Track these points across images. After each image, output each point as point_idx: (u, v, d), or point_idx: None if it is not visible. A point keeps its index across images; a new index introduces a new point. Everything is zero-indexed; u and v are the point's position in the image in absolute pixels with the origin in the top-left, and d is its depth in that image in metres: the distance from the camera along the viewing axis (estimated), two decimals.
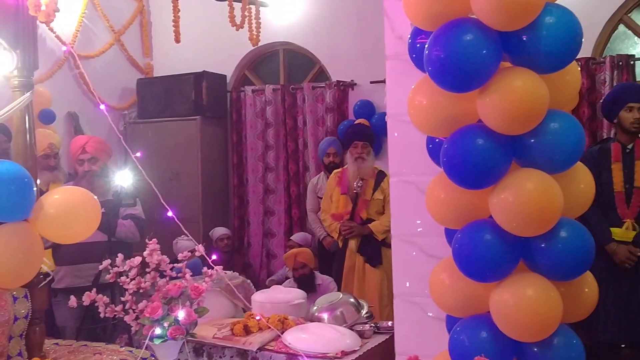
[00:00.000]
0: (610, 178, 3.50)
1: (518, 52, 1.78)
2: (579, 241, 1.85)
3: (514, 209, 1.79)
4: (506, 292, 1.85)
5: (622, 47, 4.74)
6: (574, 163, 1.88)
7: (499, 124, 1.79)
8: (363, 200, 3.95)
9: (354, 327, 2.85)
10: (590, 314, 2.00)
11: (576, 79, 1.92)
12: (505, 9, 1.64)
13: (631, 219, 3.43)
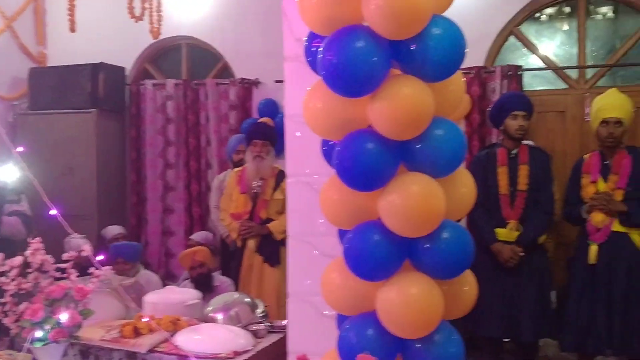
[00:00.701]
0: (496, 181, 3.71)
1: (407, 60, 1.84)
2: (459, 242, 1.94)
3: (400, 211, 1.86)
4: (391, 291, 1.91)
5: (511, 58, 5.02)
6: (457, 168, 1.97)
7: (388, 129, 1.85)
8: (262, 199, 3.95)
9: (248, 327, 2.85)
10: (470, 310, 2.11)
11: (459, 88, 2.02)
12: (393, 18, 1.70)
13: (515, 220, 3.65)
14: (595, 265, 3.48)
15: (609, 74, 4.89)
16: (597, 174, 3.56)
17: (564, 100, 4.87)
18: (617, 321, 3.41)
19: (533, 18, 5.01)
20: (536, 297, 3.60)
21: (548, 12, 5.03)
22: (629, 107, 3.55)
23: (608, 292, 3.44)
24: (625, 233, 3.46)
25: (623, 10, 4.82)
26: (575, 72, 4.89)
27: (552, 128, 4.88)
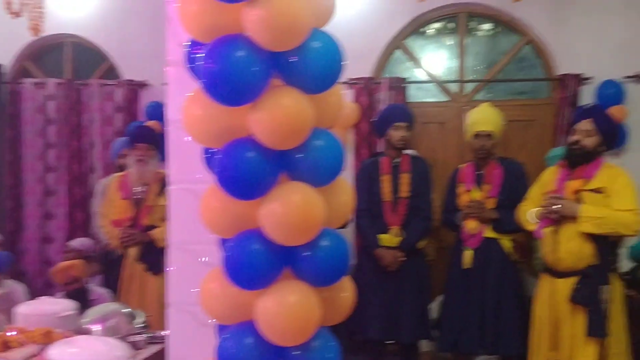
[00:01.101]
0: (380, 189, 3.84)
1: (287, 72, 1.87)
2: (338, 250, 1.99)
3: (280, 220, 1.88)
4: (270, 299, 1.93)
5: (398, 70, 5.22)
6: (336, 177, 2.02)
7: (268, 138, 1.86)
8: (145, 206, 3.84)
9: (127, 338, 2.76)
10: (348, 315, 2.16)
11: (339, 100, 2.07)
12: (273, 31, 1.72)
13: (397, 226, 3.80)
14: (469, 269, 3.68)
15: (487, 88, 5.20)
16: (471, 183, 3.77)
17: (444, 112, 5.13)
18: (489, 322, 3.63)
19: (419, 33, 5.24)
20: (415, 300, 3.77)
21: (435, 27, 5.28)
22: (499, 121, 3.80)
23: (481, 295, 3.66)
24: (496, 239, 3.69)
25: (501, 29, 5.15)
26: (455, 86, 5.16)
27: (434, 138, 5.12)
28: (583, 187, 3.22)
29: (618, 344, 3.23)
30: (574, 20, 4.75)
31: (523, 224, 3.48)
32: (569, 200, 3.21)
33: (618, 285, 3.28)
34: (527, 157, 4.91)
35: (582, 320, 3.16)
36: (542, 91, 5.09)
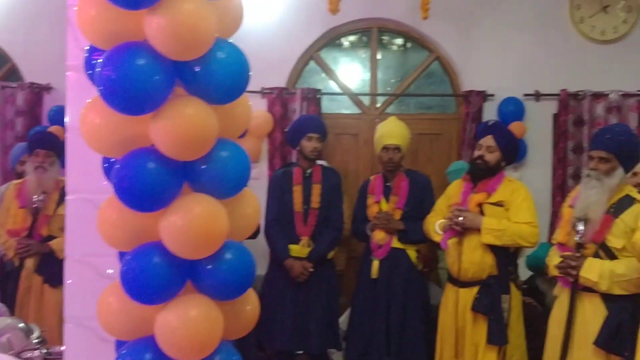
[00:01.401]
0: (292, 199, 3.85)
1: (191, 82, 1.83)
2: (241, 263, 1.97)
3: (181, 233, 1.83)
4: (170, 314, 1.88)
5: (311, 81, 5.26)
6: (241, 189, 2.00)
7: (170, 149, 1.82)
8: (44, 215, 3.66)
9: (22, 354, 2.61)
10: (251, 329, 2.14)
11: (246, 111, 2.06)
12: (175, 39, 1.68)
13: (307, 237, 3.81)
14: (376, 279, 3.75)
15: (397, 101, 5.34)
16: (380, 195, 3.86)
17: (357, 124, 5.22)
18: (394, 331, 3.70)
19: (334, 45, 5.31)
20: (324, 310, 3.80)
21: (350, 39, 5.37)
22: (406, 134, 3.90)
23: (387, 304, 3.73)
24: (403, 249, 3.78)
25: (412, 44, 5.30)
26: (368, 98, 5.26)
27: (347, 149, 5.20)
28: (485, 200, 3.38)
29: (517, 350, 3.39)
30: (479, 40, 4.97)
31: (430, 235, 3.60)
32: (472, 213, 3.35)
33: (517, 295, 3.44)
34: (434, 169, 5.09)
35: (483, 328, 3.29)
36: (449, 106, 5.29)
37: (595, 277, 2.79)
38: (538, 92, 4.90)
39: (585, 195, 2.92)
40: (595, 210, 2.86)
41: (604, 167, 2.88)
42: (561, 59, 4.90)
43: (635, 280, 2.74)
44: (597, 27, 4.88)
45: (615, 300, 2.81)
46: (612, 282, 2.78)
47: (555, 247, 3.12)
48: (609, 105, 4.78)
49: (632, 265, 2.72)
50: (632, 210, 2.82)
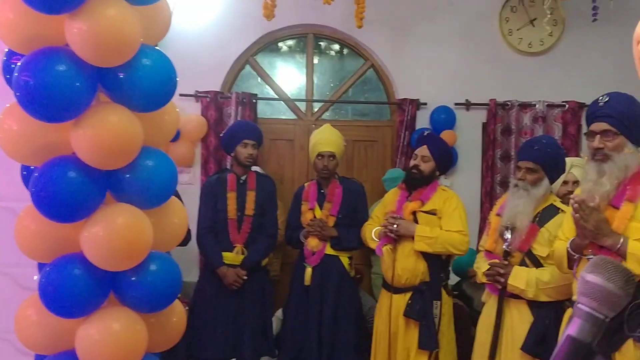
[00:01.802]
0: (225, 206, 3.80)
1: (115, 89, 1.79)
2: (167, 274, 1.94)
3: (103, 244, 1.79)
4: (92, 327, 1.83)
5: (247, 86, 5.23)
6: (167, 198, 1.97)
7: (92, 157, 1.77)
8: None
9: None
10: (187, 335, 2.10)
11: (174, 119, 2.03)
12: (97, 45, 1.64)
13: (241, 244, 3.78)
14: (309, 286, 3.76)
15: (333, 108, 5.38)
16: (314, 202, 3.86)
17: (293, 129, 5.22)
18: (326, 337, 3.72)
19: (271, 49, 5.29)
20: (258, 317, 3.77)
21: (289, 43, 5.36)
22: (341, 142, 3.93)
23: (320, 311, 3.74)
24: (336, 256, 3.80)
25: (348, 51, 5.35)
26: (304, 104, 5.27)
27: (283, 155, 5.19)
28: (419, 208, 3.45)
29: (448, 355, 3.45)
30: (412, 49, 5.06)
31: (367, 242, 3.65)
32: (407, 221, 3.41)
33: (448, 301, 3.51)
34: (369, 176, 5.15)
35: (415, 333, 3.35)
36: (384, 113, 5.36)
37: (523, 284, 2.87)
38: (468, 101, 5.04)
39: (512, 205, 3.00)
40: (522, 219, 2.94)
41: (531, 178, 2.97)
42: (491, 70, 5.05)
43: (559, 288, 2.83)
44: (525, 39, 5.06)
45: (540, 306, 2.90)
46: (538, 290, 2.86)
47: (483, 254, 3.19)
48: (535, 115, 4.96)
49: (556, 273, 2.80)
50: (556, 219, 2.91)
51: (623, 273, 0.72)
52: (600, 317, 0.72)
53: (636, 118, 2.32)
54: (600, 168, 2.35)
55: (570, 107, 4.95)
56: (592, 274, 0.73)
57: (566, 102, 4.96)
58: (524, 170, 2.98)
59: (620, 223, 2.30)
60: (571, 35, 5.05)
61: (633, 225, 2.29)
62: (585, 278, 0.73)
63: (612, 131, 2.32)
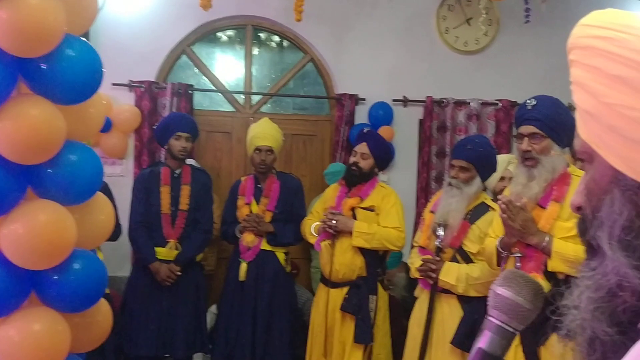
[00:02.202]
0: (159, 200, 3.71)
1: (37, 80, 1.71)
2: (91, 273, 1.87)
3: (23, 242, 1.71)
4: (11, 328, 1.75)
5: (183, 77, 5.12)
6: (92, 195, 1.90)
7: (11, 152, 1.68)
8: None
9: None
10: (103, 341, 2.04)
11: (100, 111, 1.95)
12: (17, 35, 1.56)
13: (175, 239, 3.70)
14: (244, 282, 3.72)
15: (272, 101, 5.33)
16: (250, 197, 3.83)
17: (231, 122, 5.14)
18: (260, 334, 3.70)
19: (208, 40, 5.19)
20: (191, 313, 3.71)
21: (228, 34, 5.27)
22: (279, 136, 3.91)
23: (254, 307, 3.72)
24: (272, 252, 3.78)
25: (288, 44, 5.31)
26: (242, 97, 5.21)
27: (220, 148, 5.11)
28: (358, 204, 3.48)
29: (383, 349, 3.51)
30: (351, 44, 5.07)
31: (306, 237, 3.66)
32: (345, 217, 3.44)
33: (384, 295, 3.56)
34: (308, 170, 5.15)
35: (351, 327, 3.39)
36: (323, 108, 5.36)
37: (453, 280, 2.94)
38: (406, 98, 5.10)
39: (446, 203, 3.07)
40: (454, 216, 3.02)
41: (464, 176, 3.04)
42: (428, 67, 5.13)
43: (488, 284, 2.89)
44: (461, 38, 5.16)
45: (470, 301, 2.98)
46: (468, 285, 2.94)
47: (417, 250, 3.25)
48: (470, 113, 5.07)
49: (486, 269, 2.88)
50: (486, 217, 3.00)
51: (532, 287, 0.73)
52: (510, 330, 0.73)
53: (562, 121, 2.39)
54: (530, 173, 2.42)
55: (503, 105, 5.08)
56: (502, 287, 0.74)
57: (499, 101, 5.09)
58: (457, 169, 3.05)
59: (547, 222, 2.38)
60: (505, 35, 5.18)
61: (559, 224, 2.37)
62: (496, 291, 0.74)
63: (540, 134, 2.39)
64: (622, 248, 0.64)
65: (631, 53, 0.63)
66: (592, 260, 0.68)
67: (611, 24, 0.66)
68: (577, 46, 0.70)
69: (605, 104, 0.64)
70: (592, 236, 0.68)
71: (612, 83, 0.64)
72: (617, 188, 0.66)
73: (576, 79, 0.69)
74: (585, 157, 0.71)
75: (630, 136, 0.63)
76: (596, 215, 0.68)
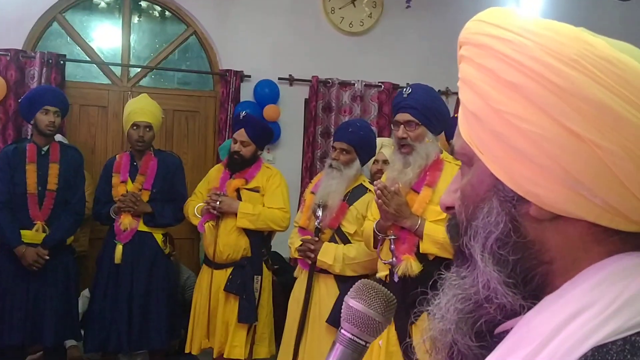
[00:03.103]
0: (24, 179, 3.45)
1: None
2: None
3: None
4: None
5: (55, 45, 4.77)
6: None
7: None
8: None
9: None
10: None
11: None
12: None
13: (42, 221, 3.46)
14: (120, 264, 3.56)
15: (152, 75, 5.11)
16: (126, 175, 3.65)
17: (107, 95, 4.87)
18: (136, 317, 3.56)
19: (84, 6, 4.86)
20: (61, 300, 3.50)
21: (103, 2, 4.95)
22: (159, 113, 3.75)
23: (130, 291, 3.57)
24: (150, 233, 3.64)
25: (169, 16, 5.08)
26: (119, 69, 4.94)
27: (94, 122, 4.84)
28: (243, 186, 3.46)
29: (266, 327, 3.52)
30: (236, 19, 4.94)
31: (189, 218, 3.57)
32: (230, 198, 3.40)
33: (268, 275, 3.56)
34: (191, 147, 5.01)
35: (235, 307, 3.38)
36: (207, 83, 5.21)
37: (330, 260, 2.99)
38: (292, 76, 5.06)
39: (326, 184, 3.11)
40: (333, 197, 3.06)
41: (345, 158, 3.07)
42: (313, 47, 5.11)
43: (364, 263, 2.99)
44: (346, 18, 5.18)
45: (346, 281, 3.04)
46: (345, 265, 3.00)
47: (297, 230, 3.28)
48: (354, 94, 5.13)
49: (361, 250, 2.96)
50: (364, 198, 3.07)
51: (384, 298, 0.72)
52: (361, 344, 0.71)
53: (436, 110, 2.47)
54: (405, 160, 2.49)
55: (385, 87, 5.19)
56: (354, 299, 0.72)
57: (382, 83, 5.18)
58: (338, 151, 3.09)
59: (420, 206, 2.46)
60: (389, 18, 5.27)
61: (431, 208, 2.45)
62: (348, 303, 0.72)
63: (415, 122, 2.45)
64: (495, 262, 0.62)
65: (529, 60, 0.58)
66: (461, 268, 0.66)
67: (510, 25, 0.61)
68: (470, 42, 0.65)
69: (495, 110, 0.60)
70: (464, 244, 0.65)
71: (505, 89, 0.59)
72: (495, 198, 0.62)
73: (466, 78, 0.64)
74: (464, 160, 0.67)
75: (516, 146, 0.59)
76: (471, 223, 0.64)
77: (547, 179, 0.58)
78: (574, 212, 0.59)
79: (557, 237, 0.60)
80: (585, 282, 0.58)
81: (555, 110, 0.57)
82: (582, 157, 0.56)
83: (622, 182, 0.57)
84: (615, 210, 0.58)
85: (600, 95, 0.56)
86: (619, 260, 0.59)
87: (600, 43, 0.58)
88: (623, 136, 0.56)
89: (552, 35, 0.59)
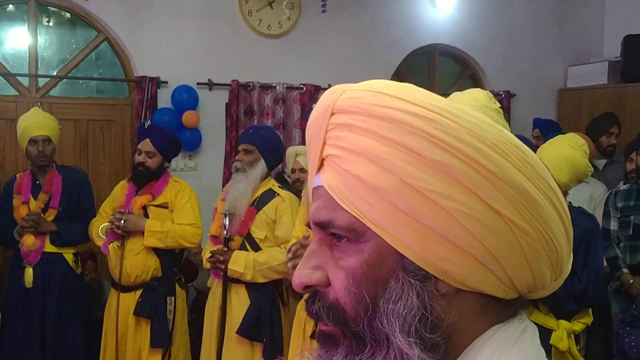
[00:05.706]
0: None
1: None
2: None
3: None
4: None
5: None
6: None
7: None
8: None
9: None
10: None
11: None
12: None
13: None
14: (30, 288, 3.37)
15: (63, 84, 4.88)
16: (28, 194, 3.46)
17: (14, 107, 4.62)
18: (50, 343, 3.39)
19: None
20: None
21: (9, 9, 4.68)
22: (54, 124, 3.58)
23: (43, 313, 3.39)
24: (59, 253, 3.46)
25: (79, 22, 4.86)
26: (27, 79, 4.70)
27: (3, 137, 4.59)
28: (150, 202, 3.30)
29: (181, 349, 3.39)
30: (150, 24, 4.76)
31: (94, 239, 3.39)
32: (135, 215, 3.24)
33: (182, 294, 3.43)
34: (108, 158, 4.82)
35: (147, 331, 3.23)
36: (122, 91, 5.02)
37: (241, 268, 2.95)
38: (211, 81, 4.93)
39: (234, 189, 3.09)
40: (241, 201, 3.03)
41: (248, 159, 3.08)
42: (232, 50, 4.99)
43: (275, 267, 2.97)
44: (264, 21, 5.08)
45: (257, 289, 3.00)
46: (255, 271, 2.95)
47: (210, 240, 3.22)
48: (276, 96, 5.04)
49: (271, 254, 2.96)
50: (273, 202, 3.06)
51: None
52: None
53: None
54: None
55: (307, 89, 5.12)
56: None
57: (304, 85, 5.12)
58: (241, 152, 3.11)
59: None
60: (307, 19, 5.21)
61: None
62: None
63: None
64: (418, 344, 0.58)
65: (457, 142, 0.57)
66: (360, 356, 0.60)
67: (429, 105, 0.59)
68: (368, 114, 0.60)
69: (412, 186, 0.57)
70: (366, 327, 0.59)
71: (428, 168, 0.57)
72: (402, 275, 0.59)
73: (364, 150, 0.59)
74: (349, 236, 0.60)
75: (435, 225, 0.57)
76: (377, 304, 0.59)
77: (462, 257, 0.58)
78: (477, 286, 0.60)
79: (455, 310, 0.60)
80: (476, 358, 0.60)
81: (485, 193, 0.58)
82: (499, 234, 0.58)
83: (526, 257, 0.60)
84: (510, 282, 0.61)
85: (520, 179, 0.59)
86: (499, 332, 0.61)
87: (502, 126, 0.61)
88: (535, 217, 0.59)
89: (473, 120, 0.59)
